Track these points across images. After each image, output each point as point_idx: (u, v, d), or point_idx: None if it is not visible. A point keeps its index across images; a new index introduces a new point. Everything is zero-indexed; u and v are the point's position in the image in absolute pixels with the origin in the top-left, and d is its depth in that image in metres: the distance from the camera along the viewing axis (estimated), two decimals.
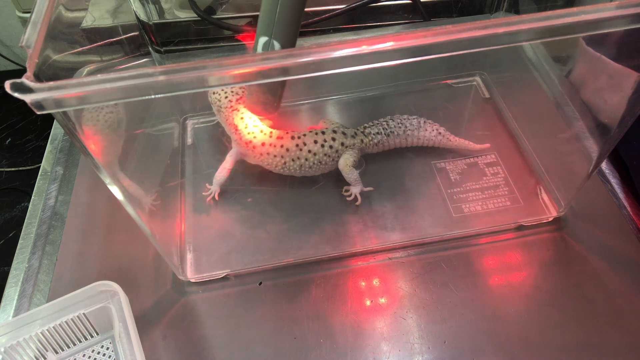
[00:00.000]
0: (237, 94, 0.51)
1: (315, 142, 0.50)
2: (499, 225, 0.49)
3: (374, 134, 0.53)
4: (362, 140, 0.52)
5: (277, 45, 0.35)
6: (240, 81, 0.27)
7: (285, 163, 0.49)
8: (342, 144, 0.50)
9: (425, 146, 0.55)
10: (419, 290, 0.45)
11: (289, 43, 0.36)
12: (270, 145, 0.49)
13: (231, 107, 0.51)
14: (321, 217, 0.50)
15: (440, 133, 0.54)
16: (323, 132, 0.50)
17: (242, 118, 0.50)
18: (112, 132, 0.39)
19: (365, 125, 0.53)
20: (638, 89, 0.36)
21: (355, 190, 0.51)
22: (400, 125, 0.53)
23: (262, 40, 0.35)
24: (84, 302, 0.40)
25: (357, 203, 0.50)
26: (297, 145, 0.49)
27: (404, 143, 0.54)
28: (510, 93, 0.59)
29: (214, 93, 0.52)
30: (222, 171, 0.51)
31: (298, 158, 0.49)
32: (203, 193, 0.52)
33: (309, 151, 0.49)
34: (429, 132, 0.54)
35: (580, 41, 0.44)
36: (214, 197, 0.51)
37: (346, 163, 0.50)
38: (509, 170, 0.53)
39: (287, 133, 0.50)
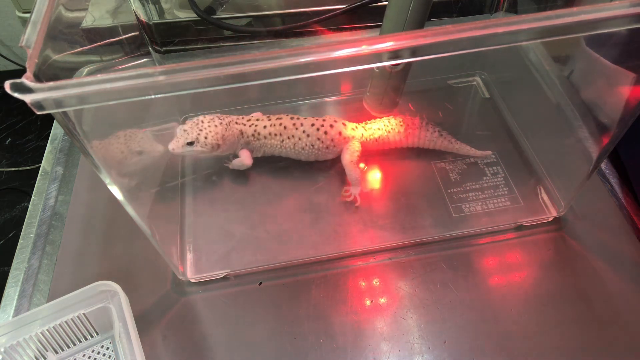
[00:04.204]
0: (218, 117, 0.51)
1: (312, 124, 0.51)
2: (499, 225, 0.49)
3: (374, 129, 0.53)
4: (362, 135, 0.52)
5: None
6: (241, 81, 0.27)
7: (282, 141, 0.51)
8: (340, 134, 0.51)
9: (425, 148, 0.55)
10: (419, 290, 0.45)
11: None
12: (271, 125, 0.51)
13: (226, 133, 0.51)
14: (321, 217, 0.50)
15: (441, 135, 0.54)
16: (324, 119, 0.52)
17: (237, 122, 0.52)
18: (118, 164, 0.39)
19: (367, 121, 0.54)
20: (637, 89, 0.36)
21: (355, 191, 0.51)
22: (401, 123, 0.53)
23: None
24: (84, 302, 0.40)
25: (357, 204, 0.50)
26: (294, 124, 0.51)
27: (404, 142, 0.54)
28: (510, 93, 0.59)
29: (205, 137, 0.49)
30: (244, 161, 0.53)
31: (293, 136, 0.51)
32: (225, 164, 0.54)
33: (304, 132, 0.51)
34: (430, 132, 0.54)
35: (581, 43, 0.44)
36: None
37: (351, 159, 0.51)
38: (509, 170, 0.53)
39: (286, 115, 0.52)
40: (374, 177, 0.53)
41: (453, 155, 0.55)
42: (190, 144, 0.49)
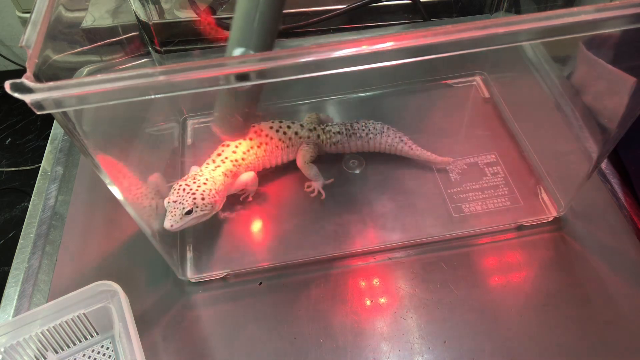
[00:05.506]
0: (194, 178, 0.47)
1: (271, 127, 0.52)
2: (499, 225, 0.49)
3: (333, 133, 0.54)
4: (318, 136, 0.53)
5: None
6: (241, 81, 0.27)
7: (257, 152, 0.51)
8: (296, 134, 0.52)
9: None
10: (419, 290, 0.45)
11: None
12: (237, 145, 0.51)
13: (215, 186, 0.47)
14: (321, 217, 0.50)
15: (402, 141, 0.54)
16: (280, 121, 0.53)
17: (213, 170, 0.48)
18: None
19: (329, 124, 0.55)
20: (636, 91, 0.36)
21: (317, 185, 0.52)
22: (363, 127, 0.54)
23: (238, 51, 0.33)
24: (84, 302, 0.40)
25: (322, 197, 0.51)
26: (255, 132, 0.52)
27: (366, 147, 0.54)
28: (510, 93, 0.59)
29: (202, 199, 0.45)
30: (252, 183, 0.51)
31: (261, 143, 0.52)
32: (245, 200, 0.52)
33: (267, 135, 0.52)
34: (392, 138, 0.54)
35: (580, 45, 0.44)
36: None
37: (303, 160, 0.52)
38: (509, 170, 0.53)
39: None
40: (375, 177, 0.53)
41: (453, 155, 0.54)
42: (189, 212, 0.44)
